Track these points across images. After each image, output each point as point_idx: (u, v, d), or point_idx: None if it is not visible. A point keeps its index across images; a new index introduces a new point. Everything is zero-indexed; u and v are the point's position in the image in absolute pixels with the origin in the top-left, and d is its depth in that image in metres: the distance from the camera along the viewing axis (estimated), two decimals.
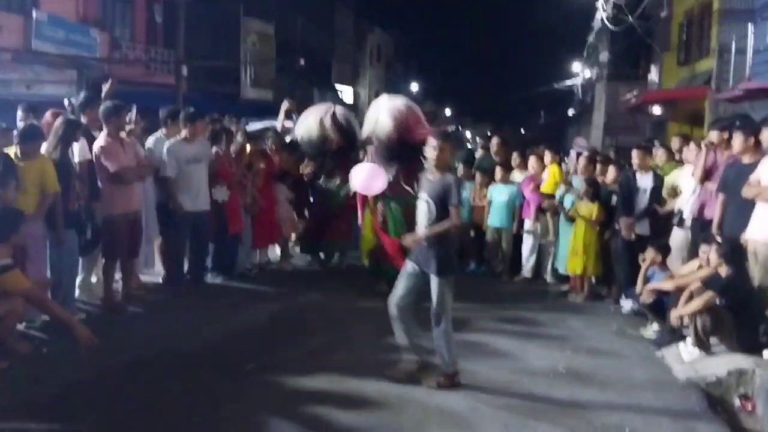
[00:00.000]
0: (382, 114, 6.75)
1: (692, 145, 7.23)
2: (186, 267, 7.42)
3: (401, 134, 6.65)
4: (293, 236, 9.18)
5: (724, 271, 5.46)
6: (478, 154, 9.95)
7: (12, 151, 5.61)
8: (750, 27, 14.06)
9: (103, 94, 7.01)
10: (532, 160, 8.69)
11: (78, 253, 6.17)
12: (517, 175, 8.78)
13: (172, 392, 4.51)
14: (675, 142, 8.43)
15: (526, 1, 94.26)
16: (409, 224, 6.17)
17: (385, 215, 7.17)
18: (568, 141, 28.51)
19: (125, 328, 5.95)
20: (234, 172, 7.72)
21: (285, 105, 9.05)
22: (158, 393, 4.48)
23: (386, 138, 6.68)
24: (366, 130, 6.92)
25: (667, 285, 6.04)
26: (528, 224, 8.47)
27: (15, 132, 5.91)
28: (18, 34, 15.06)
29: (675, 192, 7.17)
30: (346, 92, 36.98)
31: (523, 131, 49.42)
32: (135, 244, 6.69)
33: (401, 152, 6.68)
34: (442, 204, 4.73)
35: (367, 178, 6.56)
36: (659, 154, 8.36)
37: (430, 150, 4.86)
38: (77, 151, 6.15)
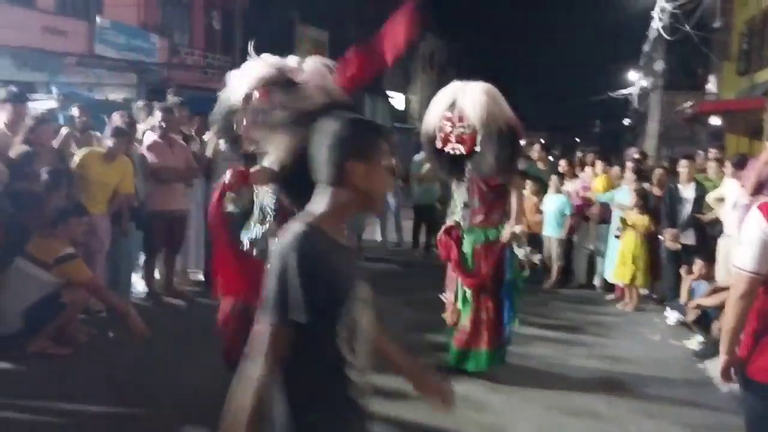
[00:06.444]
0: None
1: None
2: None
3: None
4: None
5: None
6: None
7: (92, 151, 6.06)
8: None
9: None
10: (588, 170, 8.67)
11: (139, 248, 6.50)
12: (567, 184, 8.76)
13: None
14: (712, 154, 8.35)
15: (580, 9, 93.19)
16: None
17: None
18: (624, 150, 28.07)
19: (174, 320, 6.16)
20: None
21: None
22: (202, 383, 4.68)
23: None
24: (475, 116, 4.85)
25: (710, 301, 5.98)
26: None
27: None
28: (82, 39, 15.75)
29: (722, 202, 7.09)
30: (397, 99, 37.11)
31: (578, 140, 48.71)
32: (175, 242, 6.72)
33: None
34: None
35: None
36: (712, 166, 8.23)
37: None
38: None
